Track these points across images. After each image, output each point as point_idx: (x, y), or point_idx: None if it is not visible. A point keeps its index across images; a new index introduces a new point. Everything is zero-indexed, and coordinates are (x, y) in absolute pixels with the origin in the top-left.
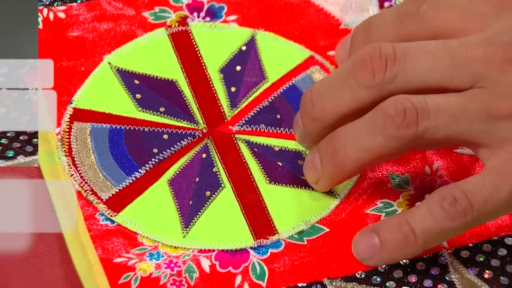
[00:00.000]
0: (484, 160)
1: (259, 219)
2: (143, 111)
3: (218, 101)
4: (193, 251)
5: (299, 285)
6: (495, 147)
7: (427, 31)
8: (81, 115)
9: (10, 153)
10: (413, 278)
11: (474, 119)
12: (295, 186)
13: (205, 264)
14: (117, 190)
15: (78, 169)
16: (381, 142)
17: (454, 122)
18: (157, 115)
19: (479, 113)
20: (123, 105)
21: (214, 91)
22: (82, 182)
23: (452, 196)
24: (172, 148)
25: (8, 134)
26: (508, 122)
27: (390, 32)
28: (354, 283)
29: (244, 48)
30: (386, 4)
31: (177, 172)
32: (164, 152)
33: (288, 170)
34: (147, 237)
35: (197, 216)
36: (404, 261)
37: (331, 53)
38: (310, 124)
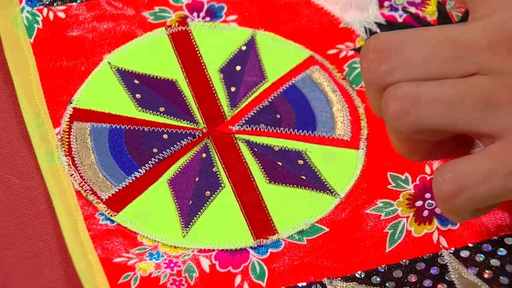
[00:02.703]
0: None
1: (258, 219)
2: (143, 111)
3: (218, 101)
4: (192, 251)
5: (299, 285)
6: (496, 136)
7: None
8: (81, 114)
9: None
10: (413, 278)
11: (471, 107)
12: (295, 186)
13: (205, 263)
14: (117, 190)
15: (78, 169)
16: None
17: (450, 111)
18: (157, 115)
19: (477, 101)
20: (123, 105)
21: (214, 91)
22: (82, 182)
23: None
24: (172, 148)
25: None
26: (508, 110)
27: None
28: (354, 283)
29: (244, 48)
30: (386, 3)
31: (177, 172)
32: (164, 152)
33: (288, 170)
34: (147, 237)
35: (197, 216)
36: (404, 261)
37: (331, 52)
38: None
